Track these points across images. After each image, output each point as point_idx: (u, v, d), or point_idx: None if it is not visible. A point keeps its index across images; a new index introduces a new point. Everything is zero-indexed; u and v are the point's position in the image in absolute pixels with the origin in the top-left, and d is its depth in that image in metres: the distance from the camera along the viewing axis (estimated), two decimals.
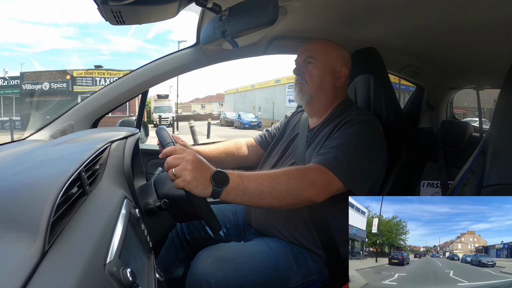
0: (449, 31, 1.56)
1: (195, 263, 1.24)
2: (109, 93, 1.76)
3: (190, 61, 1.76)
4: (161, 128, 1.28)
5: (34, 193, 0.59)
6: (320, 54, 1.46)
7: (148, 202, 1.15)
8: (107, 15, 0.98)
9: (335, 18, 1.57)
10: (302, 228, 1.37)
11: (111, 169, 0.98)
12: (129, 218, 0.77)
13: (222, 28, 1.09)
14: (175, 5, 0.99)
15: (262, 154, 1.72)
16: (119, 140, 1.13)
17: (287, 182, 1.12)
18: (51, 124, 1.74)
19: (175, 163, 1.02)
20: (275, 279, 1.28)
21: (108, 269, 0.55)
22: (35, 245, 0.49)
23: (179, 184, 1.01)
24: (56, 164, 0.77)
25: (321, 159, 1.23)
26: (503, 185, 1.09)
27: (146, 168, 1.85)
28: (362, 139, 1.27)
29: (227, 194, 1.06)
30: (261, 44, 1.79)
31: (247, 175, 1.11)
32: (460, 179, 1.22)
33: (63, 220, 0.60)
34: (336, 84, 1.47)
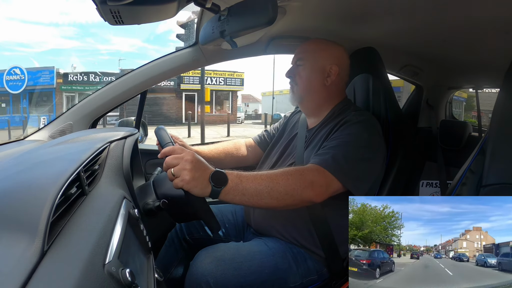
0: (448, 31, 1.56)
1: (194, 263, 1.24)
2: (108, 93, 1.76)
3: (189, 61, 1.76)
4: (160, 128, 1.27)
5: (33, 193, 0.59)
6: (308, 54, 1.48)
7: (147, 202, 1.14)
8: (105, 15, 0.98)
9: (334, 18, 1.57)
10: (301, 227, 1.37)
11: (110, 169, 0.97)
12: (128, 218, 0.77)
13: (221, 28, 1.09)
14: (174, 5, 0.99)
15: (261, 155, 1.72)
16: (118, 140, 1.13)
17: (286, 183, 1.12)
18: (50, 124, 1.74)
19: (174, 163, 1.02)
20: (274, 279, 1.28)
21: (107, 270, 0.55)
22: (34, 245, 0.49)
23: (178, 183, 1.01)
24: (55, 164, 0.77)
25: (319, 160, 1.22)
26: (502, 185, 1.09)
27: (145, 168, 1.85)
28: (360, 139, 1.27)
29: (225, 194, 1.06)
30: (260, 44, 1.79)
31: (246, 175, 1.11)
32: (459, 179, 1.22)
33: (62, 220, 0.60)
34: (325, 83, 1.46)
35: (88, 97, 1.78)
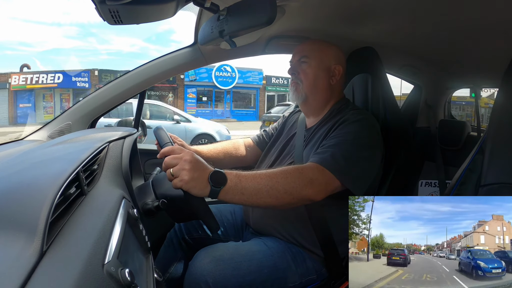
0: (447, 31, 1.57)
1: (193, 263, 1.24)
2: (107, 93, 1.76)
3: (188, 60, 1.76)
4: (159, 128, 1.27)
5: (32, 193, 0.59)
6: (313, 52, 1.47)
7: (146, 202, 1.14)
8: (104, 14, 0.98)
9: (333, 18, 1.57)
10: (300, 227, 1.37)
11: (109, 169, 0.98)
12: (127, 218, 0.77)
13: (220, 28, 1.09)
14: (173, 5, 0.99)
15: (260, 154, 1.72)
16: (117, 140, 1.13)
17: (285, 181, 1.12)
18: (49, 124, 1.73)
19: (173, 163, 1.02)
20: (274, 278, 1.28)
21: (106, 270, 0.55)
22: (33, 245, 0.49)
23: (177, 184, 1.01)
24: (54, 164, 0.77)
25: (318, 158, 1.23)
26: (500, 184, 1.09)
27: (144, 168, 1.84)
28: (359, 138, 1.27)
29: (225, 194, 1.07)
30: (259, 43, 1.79)
31: (245, 174, 1.11)
32: (458, 178, 1.22)
33: (61, 221, 0.60)
34: (331, 83, 1.47)
35: (87, 97, 1.78)
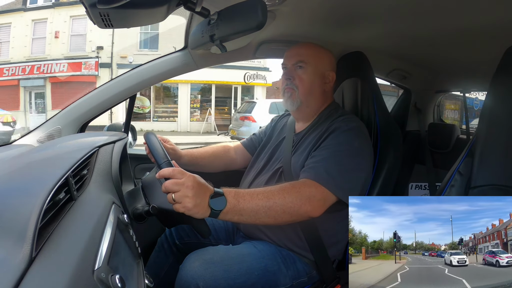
0: (435, 35, 1.58)
1: (184, 267, 1.23)
2: (97, 97, 1.75)
3: (179, 65, 1.76)
4: (150, 134, 1.22)
5: (21, 198, 0.58)
6: (310, 58, 1.45)
7: (137, 207, 1.14)
8: (95, 18, 0.98)
9: (323, 23, 1.58)
10: (290, 232, 1.37)
11: (99, 174, 0.97)
12: (117, 224, 0.77)
13: (211, 32, 1.09)
14: (163, 9, 0.99)
15: (249, 158, 1.72)
16: (107, 144, 1.12)
17: (282, 202, 1.14)
18: (38, 129, 1.72)
19: (175, 189, 1.02)
20: (264, 281, 1.29)
21: (96, 276, 0.54)
22: (22, 251, 0.49)
23: (179, 209, 1.02)
24: (43, 169, 0.77)
25: (314, 175, 1.24)
26: (490, 186, 1.11)
27: (134, 173, 1.83)
28: (351, 148, 1.29)
29: (224, 216, 1.10)
30: (250, 48, 1.79)
31: (243, 194, 1.13)
32: (447, 181, 1.23)
33: (51, 226, 0.60)
34: (325, 89, 1.48)
35: (76, 101, 1.76)
